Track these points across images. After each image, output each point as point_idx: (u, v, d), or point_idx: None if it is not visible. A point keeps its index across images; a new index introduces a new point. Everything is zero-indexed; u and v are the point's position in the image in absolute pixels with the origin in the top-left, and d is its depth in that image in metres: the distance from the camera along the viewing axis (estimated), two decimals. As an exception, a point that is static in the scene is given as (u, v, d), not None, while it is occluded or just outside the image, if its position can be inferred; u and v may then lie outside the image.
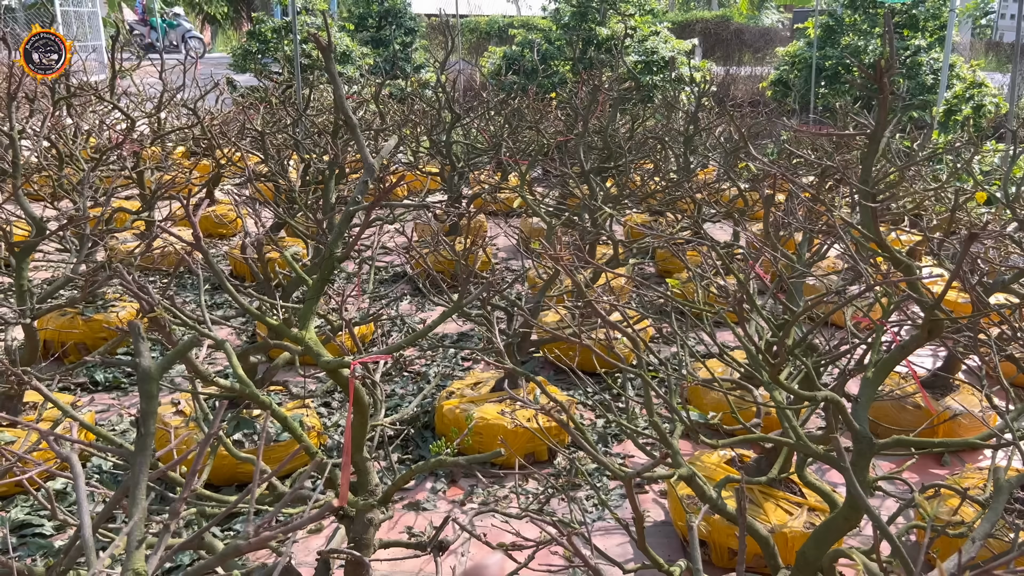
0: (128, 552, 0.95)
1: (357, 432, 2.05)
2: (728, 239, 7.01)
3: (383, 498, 2.00)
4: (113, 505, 1.06)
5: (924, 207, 6.68)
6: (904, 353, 1.92)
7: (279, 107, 7.87)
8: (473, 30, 23.89)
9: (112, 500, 1.04)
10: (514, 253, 7.32)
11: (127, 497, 1.13)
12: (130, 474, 0.95)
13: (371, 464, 2.11)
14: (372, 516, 2.08)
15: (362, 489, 2.10)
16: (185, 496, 1.11)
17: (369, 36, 15.94)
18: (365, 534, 2.08)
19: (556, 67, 13.96)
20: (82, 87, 6.51)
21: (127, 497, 1.13)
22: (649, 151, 6.82)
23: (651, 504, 3.48)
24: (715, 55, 23.16)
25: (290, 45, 13.40)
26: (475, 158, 7.31)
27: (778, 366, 1.80)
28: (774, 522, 2.91)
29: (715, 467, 3.22)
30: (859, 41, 13.79)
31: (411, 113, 8.39)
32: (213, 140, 6.64)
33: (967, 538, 1.91)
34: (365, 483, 2.11)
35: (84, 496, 1.05)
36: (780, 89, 14.28)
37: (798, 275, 2.79)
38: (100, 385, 4.42)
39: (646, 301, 5.04)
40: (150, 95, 9.28)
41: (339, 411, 4.19)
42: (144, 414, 0.99)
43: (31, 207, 3.37)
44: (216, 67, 15.19)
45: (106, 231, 4.73)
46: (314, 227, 4.48)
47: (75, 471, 1.05)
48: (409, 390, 4.45)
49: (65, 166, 4.94)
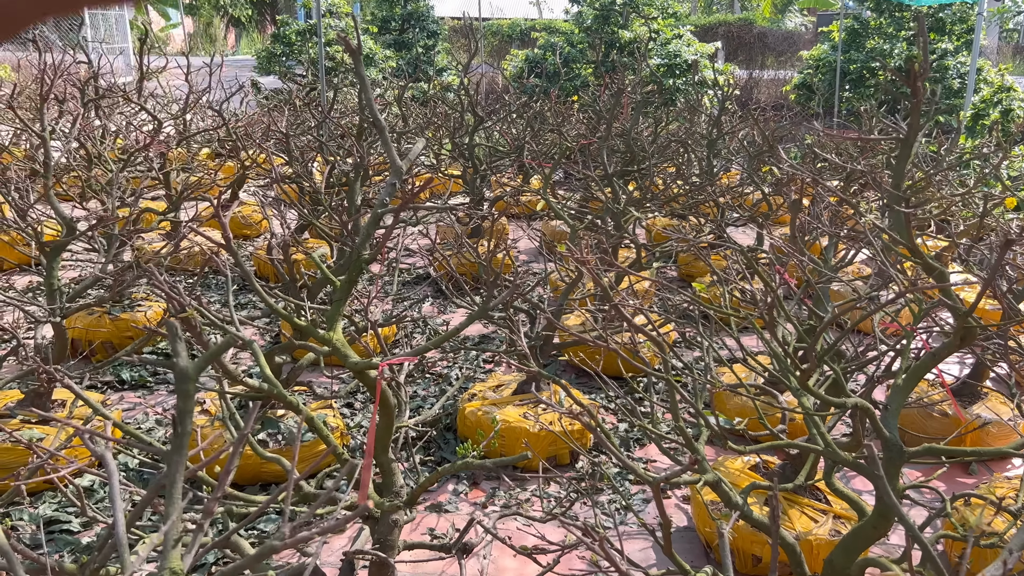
0: (164, 551, 0.95)
1: (383, 433, 2.05)
2: (751, 243, 6.97)
3: (409, 499, 2.00)
4: (146, 503, 1.07)
5: (951, 212, 6.60)
6: (935, 360, 1.90)
7: (303, 109, 7.93)
8: (495, 33, 23.92)
9: (145, 498, 1.05)
10: (535, 256, 7.32)
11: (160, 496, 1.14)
12: (166, 473, 0.96)
13: (396, 465, 2.11)
14: (397, 517, 2.08)
15: (387, 490, 2.11)
16: (218, 496, 1.12)
17: (392, 39, 16.02)
18: (390, 535, 2.08)
19: (578, 70, 13.95)
20: (111, 89, 6.59)
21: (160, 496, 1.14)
22: (672, 155, 6.80)
23: (673, 510, 3.47)
24: (738, 58, 23.04)
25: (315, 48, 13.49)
26: (497, 161, 7.32)
27: (808, 372, 1.78)
28: (799, 529, 2.88)
29: (739, 473, 3.19)
30: (884, 45, 13.66)
31: (433, 116, 8.41)
32: (238, 142, 6.70)
33: (998, 549, 1.89)
34: (390, 484, 2.11)
35: (118, 494, 1.06)
36: (804, 93, 14.18)
37: (826, 280, 2.77)
38: (126, 384, 4.46)
39: (670, 305, 5.02)
40: (176, 97, 9.39)
41: (362, 412, 4.21)
42: (181, 413, 1.00)
43: (61, 207, 3.41)
44: (241, 69, 15.32)
45: (133, 231, 4.79)
46: (338, 228, 4.50)
47: (109, 469, 1.06)
48: (431, 392, 4.46)
49: (94, 167, 5.00)
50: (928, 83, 12.22)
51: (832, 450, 1.92)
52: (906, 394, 1.92)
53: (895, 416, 1.90)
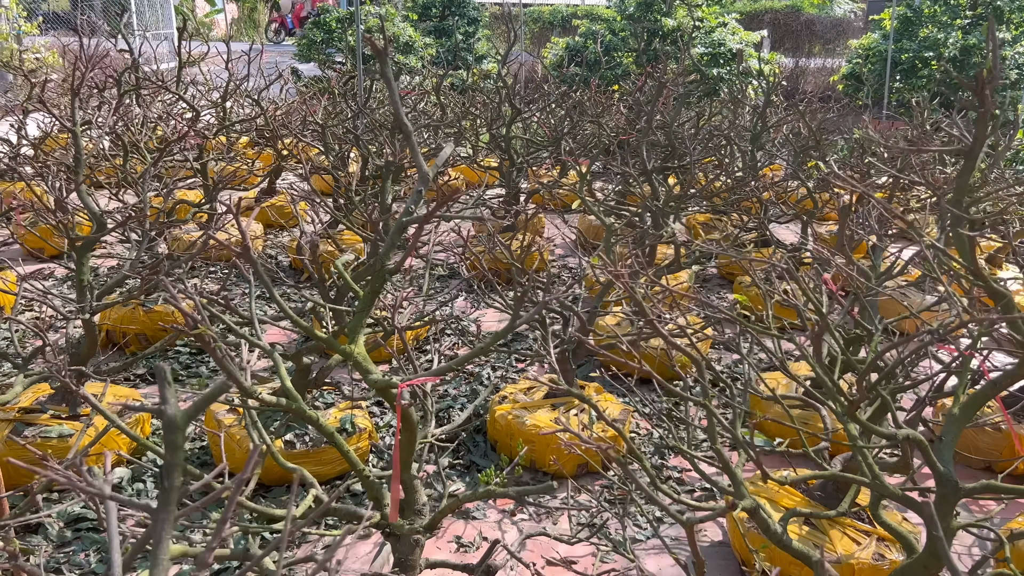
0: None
1: (405, 450, 1.98)
2: (795, 240, 6.77)
3: (429, 524, 1.93)
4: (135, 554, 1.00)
5: (1007, 211, 6.33)
6: (996, 389, 1.76)
7: (341, 99, 7.88)
8: (536, 20, 23.67)
9: (134, 549, 0.98)
10: (572, 250, 7.19)
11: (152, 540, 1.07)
12: (152, 530, 0.88)
13: (419, 482, 2.04)
14: (419, 537, 2.01)
15: (409, 508, 2.04)
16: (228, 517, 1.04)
17: (432, 26, 15.91)
18: (411, 555, 2.01)
19: (619, 59, 13.72)
20: (147, 77, 6.60)
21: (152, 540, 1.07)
22: (715, 148, 6.61)
23: (712, 524, 3.35)
24: (784, 46, 22.50)
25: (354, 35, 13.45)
26: (534, 152, 7.20)
27: (856, 403, 1.66)
28: (841, 552, 2.75)
29: (778, 489, 3.07)
30: (939, 34, 13.20)
31: (471, 106, 8.31)
32: (275, 131, 6.67)
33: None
34: (412, 502, 2.04)
35: (116, 541, 0.99)
36: (852, 84, 13.79)
37: (873, 293, 2.62)
38: (155, 378, 4.46)
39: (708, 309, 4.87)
40: (217, 84, 9.41)
41: (390, 411, 4.15)
42: (168, 466, 0.92)
43: (92, 202, 3.39)
44: (281, 56, 15.35)
45: (168, 223, 4.78)
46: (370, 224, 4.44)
47: (109, 519, 0.99)
48: (463, 391, 4.38)
49: (130, 157, 5.00)
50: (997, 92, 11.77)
51: (880, 483, 1.79)
52: (962, 425, 1.79)
53: (950, 449, 1.77)
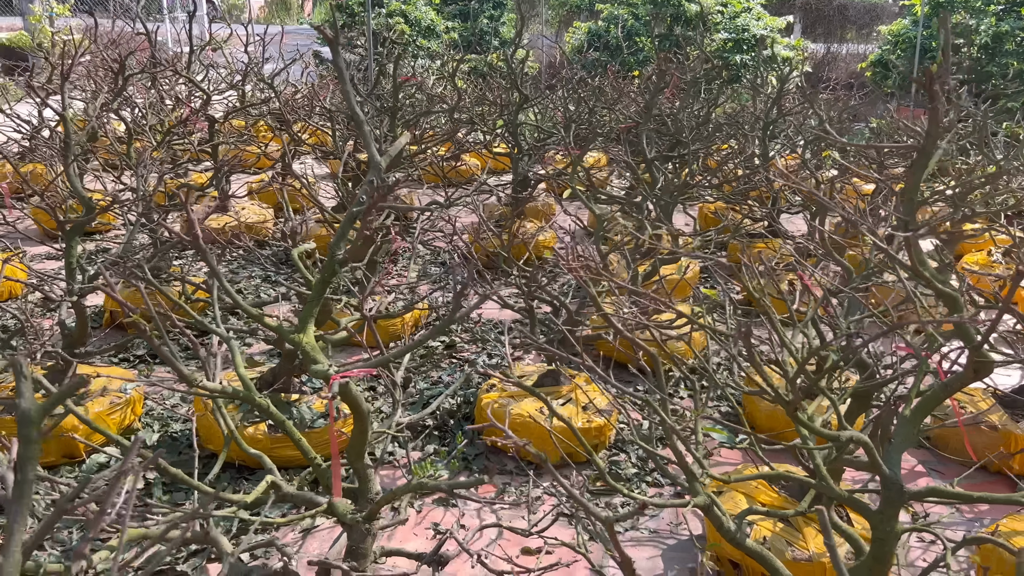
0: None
1: (357, 439, 1.99)
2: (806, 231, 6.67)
3: (368, 515, 1.94)
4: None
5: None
6: (947, 392, 1.73)
7: (354, 83, 7.89)
8: (562, 4, 23.48)
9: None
10: (581, 237, 7.16)
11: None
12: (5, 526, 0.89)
13: (372, 471, 2.05)
14: (370, 526, 2.02)
15: (362, 497, 2.05)
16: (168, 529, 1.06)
17: (457, 9, 15.84)
18: (362, 543, 2.03)
19: (641, 44, 13.58)
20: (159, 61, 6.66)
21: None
22: (723, 137, 6.52)
23: (692, 517, 3.34)
24: (816, 32, 22.09)
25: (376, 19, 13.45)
26: (544, 139, 7.16)
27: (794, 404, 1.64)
28: (813, 549, 2.73)
29: (755, 484, 3.04)
30: (971, 20, 12.88)
31: (488, 91, 8.27)
32: (285, 115, 6.70)
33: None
34: (365, 491, 2.05)
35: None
36: (880, 71, 13.51)
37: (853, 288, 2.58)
38: (158, 358, 4.53)
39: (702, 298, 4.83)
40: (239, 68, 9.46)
41: (383, 396, 4.18)
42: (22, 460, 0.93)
43: (79, 184, 3.43)
44: (305, 39, 15.39)
45: (170, 207, 4.84)
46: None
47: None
48: (456, 378, 4.40)
49: (135, 140, 5.06)
50: (1013, 62, 11.49)
51: (825, 484, 1.77)
52: (913, 427, 1.76)
53: (899, 451, 1.73)
